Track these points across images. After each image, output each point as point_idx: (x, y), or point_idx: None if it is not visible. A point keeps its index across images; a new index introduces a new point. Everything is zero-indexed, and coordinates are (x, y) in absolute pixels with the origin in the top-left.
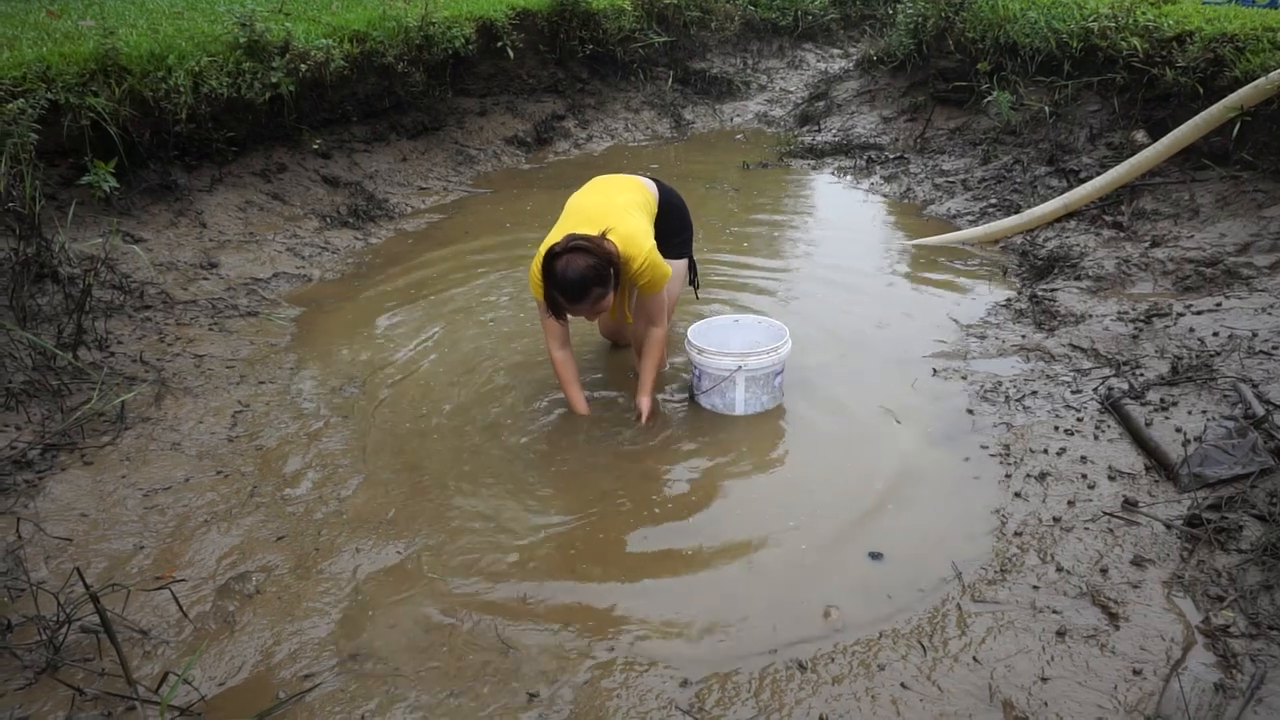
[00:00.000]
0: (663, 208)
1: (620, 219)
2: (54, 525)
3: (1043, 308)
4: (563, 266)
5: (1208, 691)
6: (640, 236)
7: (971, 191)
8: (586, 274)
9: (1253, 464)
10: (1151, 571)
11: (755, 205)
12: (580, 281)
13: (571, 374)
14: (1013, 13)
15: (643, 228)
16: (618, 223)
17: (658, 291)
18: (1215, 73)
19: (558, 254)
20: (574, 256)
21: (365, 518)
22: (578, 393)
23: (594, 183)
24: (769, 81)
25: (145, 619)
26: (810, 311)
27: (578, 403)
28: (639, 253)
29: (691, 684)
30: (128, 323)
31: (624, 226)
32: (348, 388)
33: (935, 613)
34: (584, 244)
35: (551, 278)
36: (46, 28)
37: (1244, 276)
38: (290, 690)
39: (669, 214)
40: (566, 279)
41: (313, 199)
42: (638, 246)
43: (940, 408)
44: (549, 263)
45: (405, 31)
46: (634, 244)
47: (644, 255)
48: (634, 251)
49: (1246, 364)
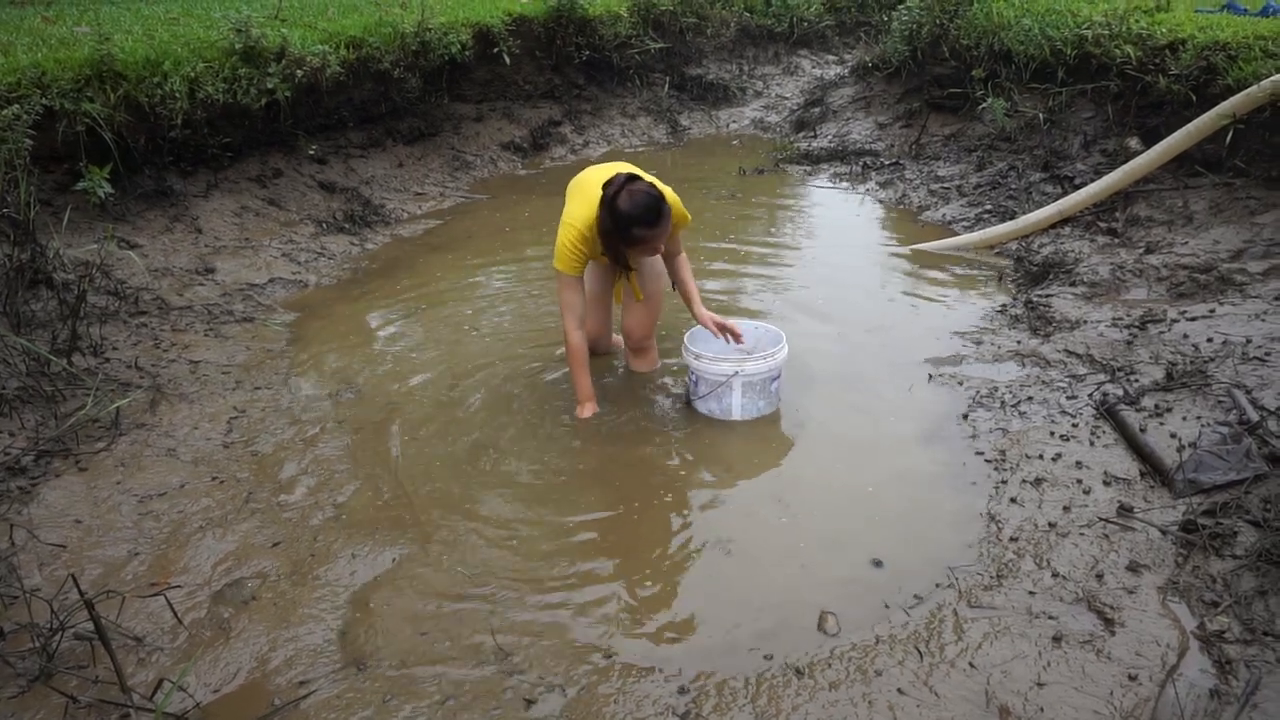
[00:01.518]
0: None
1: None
2: (48, 532)
3: (1038, 313)
4: (627, 199)
5: (1203, 697)
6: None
7: (967, 197)
8: (652, 192)
9: (1247, 470)
10: (1147, 577)
11: (751, 211)
12: (652, 202)
13: (584, 357)
14: (1007, 20)
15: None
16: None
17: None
18: (1208, 80)
19: (614, 194)
20: (631, 187)
21: (361, 523)
22: (586, 379)
23: (594, 166)
24: (765, 88)
25: (140, 626)
26: (806, 317)
27: (584, 388)
28: (665, 191)
29: (688, 689)
30: (123, 328)
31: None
32: (344, 393)
33: (931, 618)
34: (629, 174)
35: (620, 215)
36: (42, 33)
37: (1237, 283)
38: (286, 697)
39: None
40: (638, 205)
41: (309, 205)
42: (661, 187)
43: (936, 413)
44: (610, 205)
45: (401, 37)
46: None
47: (669, 192)
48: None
49: (1240, 370)
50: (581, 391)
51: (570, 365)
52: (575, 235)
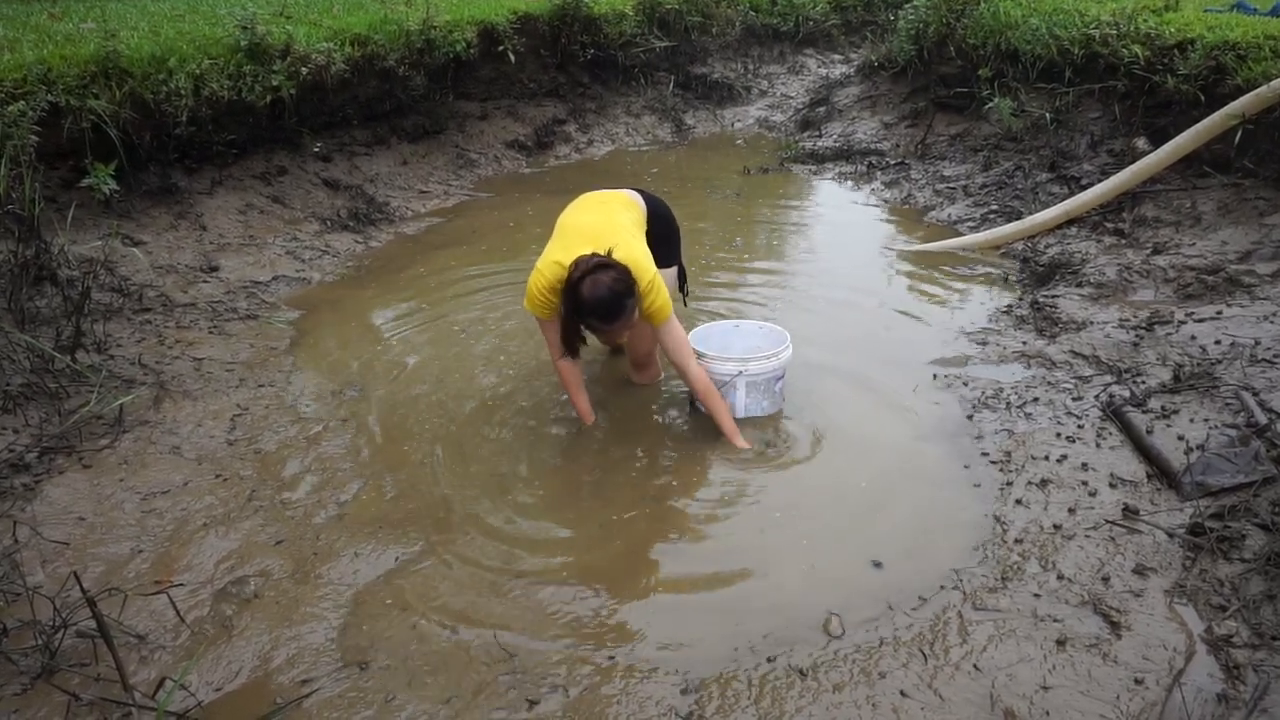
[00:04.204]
0: (650, 218)
1: (625, 241)
2: (51, 529)
3: (1044, 314)
4: (590, 287)
5: (1210, 702)
6: (644, 261)
7: (973, 197)
8: (616, 288)
9: (1255, 473)
10: (1154, 580)
11: (756, 210)
12: (613, 299)
13: (577, 380)
14: (1014, 19)
15: (645, 251)
16: (622, 244)
17: (668, 317)
18: (1216, 80)
19: (579, 278)
20: (598, 275)
21: (365, 522)
22: (584, 400)
23: (584, 200)
24: (770, 87)
25: (142, 624)
26: (811, 316)
27: (583, 410)
28: (644, 275)
29: (692, 690)
30: (127, 325)
31: (628, 250)
32: (347, 391)
33: (936, 620)
34: (602, 260)
35: (579, 304)
36: (47, 30)
37: (1246, 284)
38: (288, 696)
39: (655, 222)
40: (598, 299)
41: (313, 202)
42: (643, 270)
43: (941, 414)
44: (573, 290)
45: (406, 35)
46: (640, 268)
47: (649, 278)
48: (639, 274)
49: (1249, 372)
50: (581, 412)
51: (566, 390)
52: (544, 284)
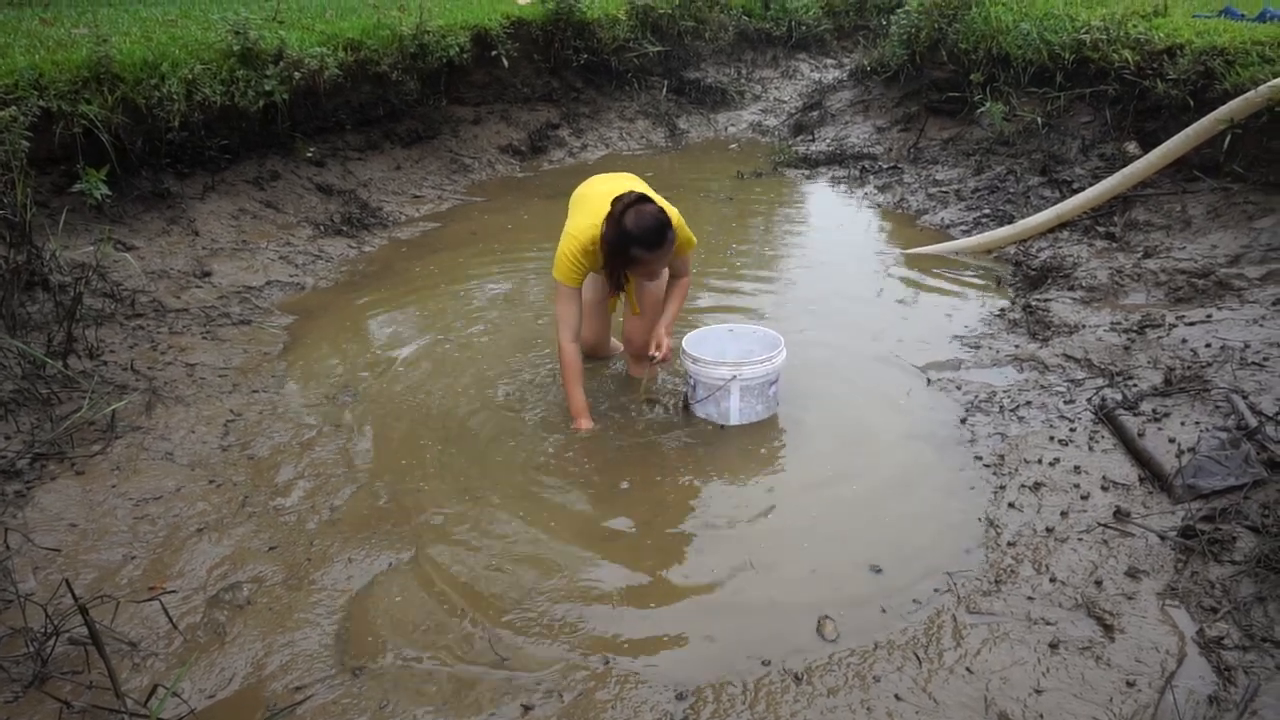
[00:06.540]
0: None
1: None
2: (42, 536)
3: (1036, 318)
4: (635, 217)
5: (1202, 704)
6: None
7: (965, 201)
8: (660, 216)
9: (1246, 475)
10: (1146, 583)
11: (750, 215)
12: (658, 225)
13: (578, 371)
14: (1005, 24)
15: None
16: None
17: (692, 248)
18: (1205, 85)
19: (622, 211)
20: (641, 206)
21: (358, 527)
22: (580, 394)
23: (596, 177)
24: (763, 91)
25: (134, 631)
26: (804, 321)
27: (577, 406)
28: (672, 212)
29: (686, 695)
30: (119, 331)
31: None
32: (341, 396)
33: (930, 624)
34: (640, 194)
35: (625, 234)
36: (39, 35)
37: (1235, 288)
38: (281, 703)
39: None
40: (645, 226)
41: (306, 207)
42: (669, 208)
43: (934, 418)
44: (618, 224)
45: (400, 40)
46: (667, 206)
47: (675, 213)
48: (668, 211)
49: (1239, 375)
50: (575, 407)
51: (564, 379)
52: (577, 247)
